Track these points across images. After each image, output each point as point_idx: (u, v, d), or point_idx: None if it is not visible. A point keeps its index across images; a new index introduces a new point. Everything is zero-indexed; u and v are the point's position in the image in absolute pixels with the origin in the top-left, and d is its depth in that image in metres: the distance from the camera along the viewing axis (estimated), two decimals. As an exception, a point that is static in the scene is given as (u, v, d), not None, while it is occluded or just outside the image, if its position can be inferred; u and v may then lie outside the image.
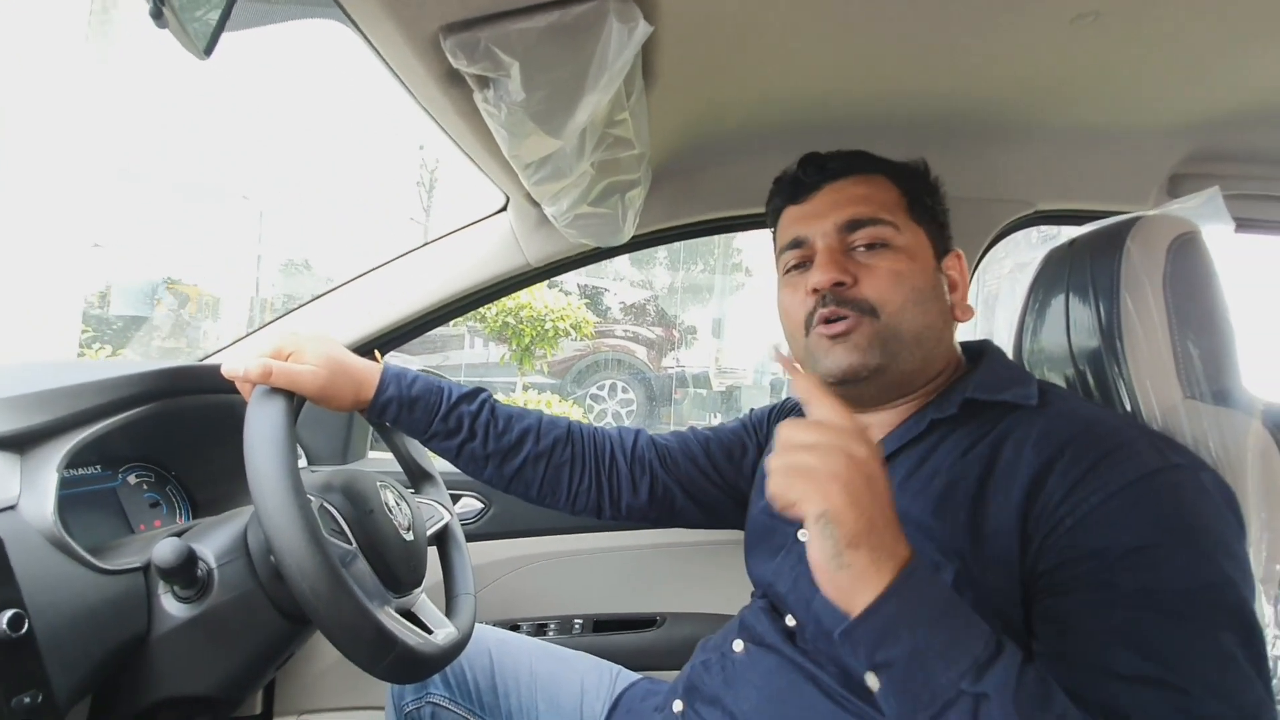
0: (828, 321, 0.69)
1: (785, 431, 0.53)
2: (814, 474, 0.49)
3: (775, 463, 0.52)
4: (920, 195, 0.75)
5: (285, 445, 0.66)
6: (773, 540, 0.78)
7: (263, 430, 0.66)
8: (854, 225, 0.71)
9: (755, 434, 0.94)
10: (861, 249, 0.70)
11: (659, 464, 0.92)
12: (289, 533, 0.61)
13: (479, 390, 0.88)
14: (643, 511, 0.92)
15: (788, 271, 0.76)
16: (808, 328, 0.71)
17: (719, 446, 0.94)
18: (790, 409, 0.93)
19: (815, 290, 0.70)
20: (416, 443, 0.96)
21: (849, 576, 0.48)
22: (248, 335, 1.28)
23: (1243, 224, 1.05)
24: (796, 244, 0.74)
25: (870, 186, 0.73)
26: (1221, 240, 0.74)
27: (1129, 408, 0.73)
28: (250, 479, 0.63)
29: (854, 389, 0.70)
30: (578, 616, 1.26)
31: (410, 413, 0.83)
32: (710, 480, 0.92)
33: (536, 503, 0.90)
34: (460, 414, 0.85)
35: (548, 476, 0.88)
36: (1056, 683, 0.49)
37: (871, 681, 0.49)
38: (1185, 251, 0.72)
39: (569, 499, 0.90)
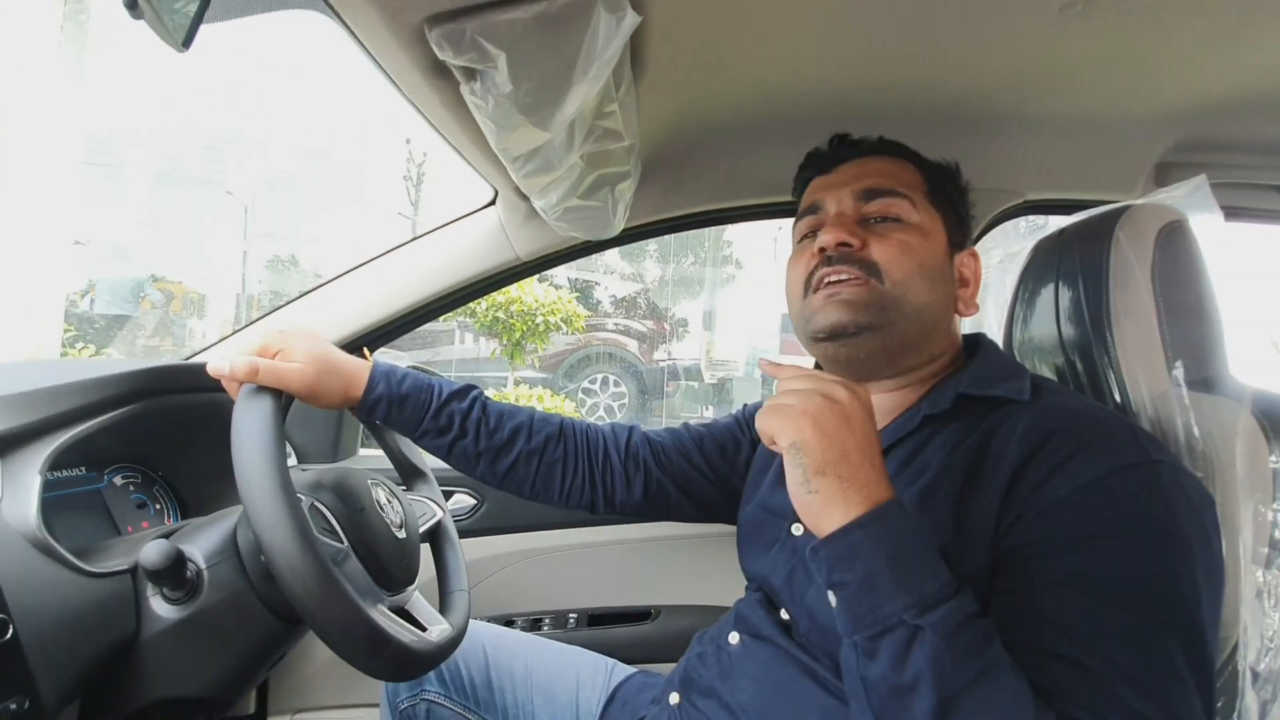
0: (830, 282, 0.69)
1: (781, 381, 0.58)
2: (790, 410, 0.54)
3: (767, 404, 0.57)
4: (942, 184, 0.76)
5: (273, 444, 0.65)
6: (765, 535, 0.78)
7: (250, 429, 0.65)
8: (871, 194, 0.71)
9: (748, 430, 0.94)
10: (874, 220, 0.71)
11: (653, 460, 0.92)
12: (279, 532, 0.60)
13: (470, 387, 0.88)
14: (637, 507, 0.91)
15: (801, 240, 0.77)
16: (807, 289, 0.72)
17: (712, 442, 0.93)
18: None
19: (821, 250, 0.70)
20: (408, 439, 0.95)
21: (817, 502, 0.52)
22: (234, 333, 1.27)
23: (1230, 212, 1.06)
24: (812, 209, 0.75)
25: (894, 164, 0.75)
26: (1209, 228, 0.74)
27: (1119, 396, 0.74)
28: (239, 479, 0.62)
29: (844, 347, 0.69)
30: (572, 611, 1.26)
31: (400, 410, 0.82)
32: (704, 475, 0.92)
33: (529, 499, 0.90)
34: (451, 412, 0.84)
35: (540, 473, 0.88)
36: None
37: (831, 598, 0.52)
38: (1173, 240, 0.73)
39: (562, 495, 0.90)
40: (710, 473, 0.92)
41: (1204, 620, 0.51)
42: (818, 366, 0.86)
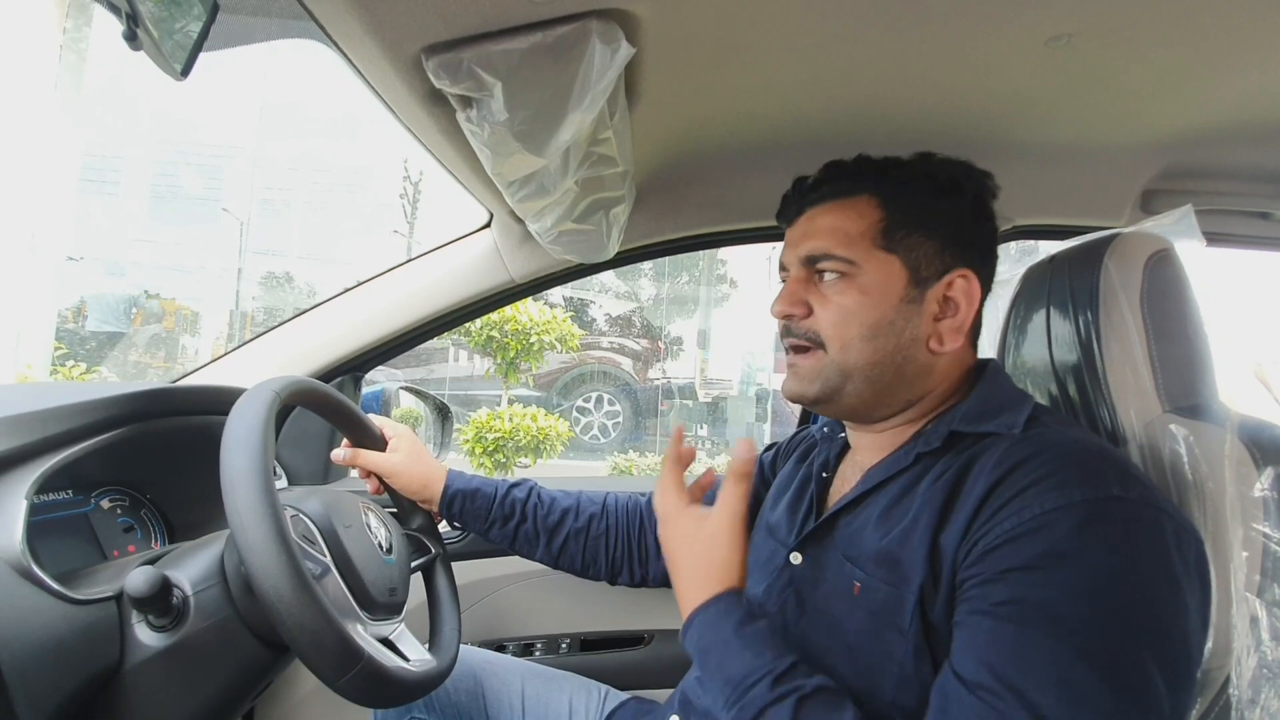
0: (788, 349, 0.73)
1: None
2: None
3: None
4: (909, 213, 0.69)
5: (261, 448, 0.64)
6: (770, 562, 0.77)
7: (240, 431, 0.65)
8: (811, 260, 0.71)
9: (771, 473, 0.95)
10: (826, 275, 0.70)
11: None
12: (255, 530, 0.60)
13: (525, 480, 1.00)
14: (663, 574, 0.95)
15: None
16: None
17: None
18: (792, 446, 0.93)
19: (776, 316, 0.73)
20: None
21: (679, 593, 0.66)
22: (228, 352, 1.26)
23: (1213, 238, 1.07)
24: (783, 268, 0.76)
25: (843, 215, 0.70)
26: (1197, 257, 0.75)
27: (1109, 422, 0.74)
28: (222, 478, 0.62)
29: (813, 410, 0.76)
30: (564, 636, 1.25)
31: (472, 502, 0.94)
32: None
33: (582, 574, 0.98)
34: (512, 500, 0.96)
35: (588, 548, 0.97)
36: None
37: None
38: (1161, 267, 0.74)
39: (609, 569, 0.97)
40: None
41: (1133, 653, 0.49)
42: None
